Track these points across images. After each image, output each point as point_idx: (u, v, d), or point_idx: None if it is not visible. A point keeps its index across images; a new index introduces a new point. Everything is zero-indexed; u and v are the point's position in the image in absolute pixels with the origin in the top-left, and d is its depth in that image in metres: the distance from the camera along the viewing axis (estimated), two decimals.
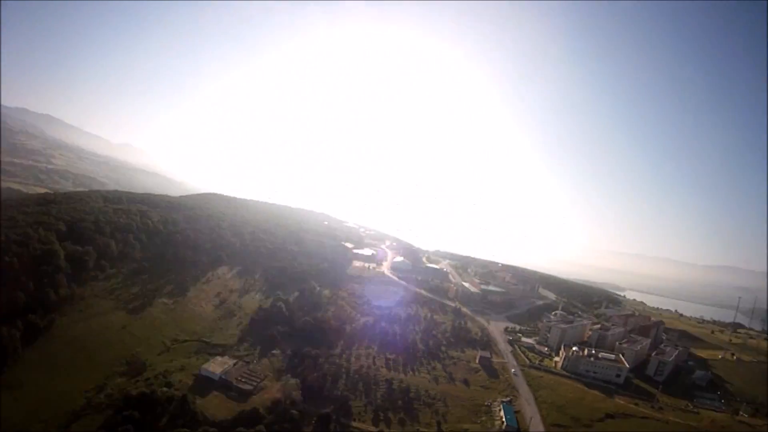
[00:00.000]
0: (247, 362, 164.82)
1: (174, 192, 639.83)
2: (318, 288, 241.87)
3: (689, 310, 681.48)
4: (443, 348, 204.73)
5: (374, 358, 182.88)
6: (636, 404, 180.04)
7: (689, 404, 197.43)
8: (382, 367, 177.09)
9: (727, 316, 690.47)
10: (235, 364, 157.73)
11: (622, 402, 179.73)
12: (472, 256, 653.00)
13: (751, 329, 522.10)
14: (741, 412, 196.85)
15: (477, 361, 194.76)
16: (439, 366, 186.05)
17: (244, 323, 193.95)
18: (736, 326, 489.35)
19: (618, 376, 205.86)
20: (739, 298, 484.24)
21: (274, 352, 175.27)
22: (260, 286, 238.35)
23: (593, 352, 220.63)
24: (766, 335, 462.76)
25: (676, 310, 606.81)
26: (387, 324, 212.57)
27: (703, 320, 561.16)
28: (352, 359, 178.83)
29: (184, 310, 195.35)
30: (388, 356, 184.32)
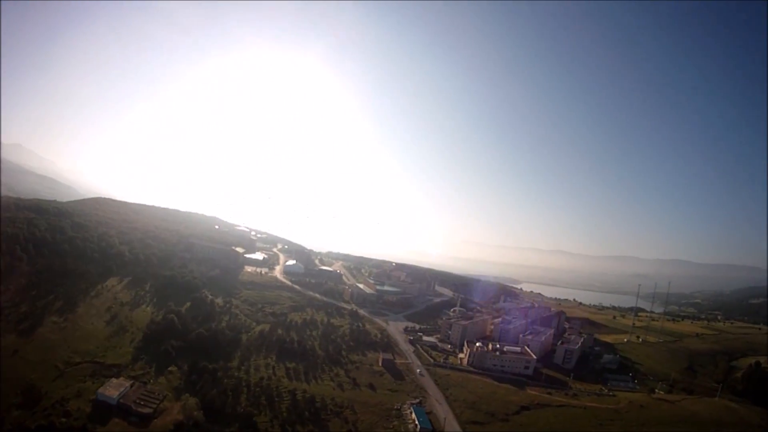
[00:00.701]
0: (144, 382, 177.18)
1: (63, 196, 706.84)
2: (210, 297, 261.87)
3: (587, 298, 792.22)
4: (344, 353, 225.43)
5: (274, 368, 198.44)
6: (550, 393, 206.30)
7: (603, 388, 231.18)
8: (283, 377, 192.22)
9: (625, 302, 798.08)
10: (132, 386, 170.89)
11: (535, 393, 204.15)
12: (366, 256, 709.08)
13: (652, 312, 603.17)
14: (657, 390, 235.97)
15: (380, 363, 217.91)
16: (341, 372, 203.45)
17: (138, 339, 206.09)
18: (637, 311, 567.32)
19: (526, 367, 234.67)
20: (639, 285, 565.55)
21: (170, 369, 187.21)
22: (151, 298, 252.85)
23: (498, 346, 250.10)
24: (668, 317, 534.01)
25: (574, 299, 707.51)
26: (284, 331, 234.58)
27: (603, 307, 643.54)
28: (252, 371, 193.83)
29: (76, 328, 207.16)
30: (288, 365, 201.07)
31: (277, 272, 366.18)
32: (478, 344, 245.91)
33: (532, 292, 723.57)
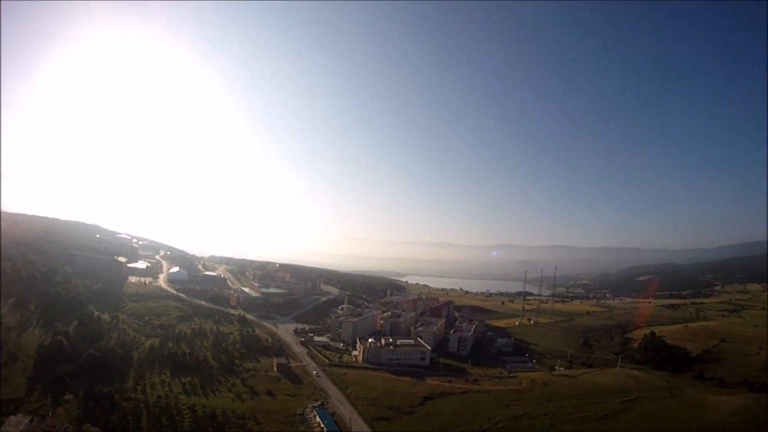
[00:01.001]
0: (43, 416, 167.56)
1: None
2: (97, 313, 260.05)
3: (474, 286, 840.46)
4: (237, 361, 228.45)
5: (170, 384, 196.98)
6: (450, 381, 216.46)
7: (503, 370, 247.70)
8: (180, 393, 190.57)
9: (512, 288, 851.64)
10: (31, 421, 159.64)
11: (435, 382, 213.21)
12: (248, 258, 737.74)
13: (540, 296, 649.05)
14: (557, 367, 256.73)
15: (275, 369, 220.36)
16: (238, 381, 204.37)
17: (29, 367, 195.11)
18: (525, 295, 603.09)
19: (422, 358, 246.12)
20: (526, 271, 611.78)
21: (66, 397, 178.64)
22: (38, 319, 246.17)
23: (391, 340, 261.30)
24: (557, 299, 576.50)
25: (461, 288, 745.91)
26: (174, 344, 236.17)
27: (491, 294, 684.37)
28: (148, 390, 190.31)
29: None
30: (184, 380, 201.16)
31: (162, 281, 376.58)
32: (370, 340, 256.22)
33: (417, 284, 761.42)
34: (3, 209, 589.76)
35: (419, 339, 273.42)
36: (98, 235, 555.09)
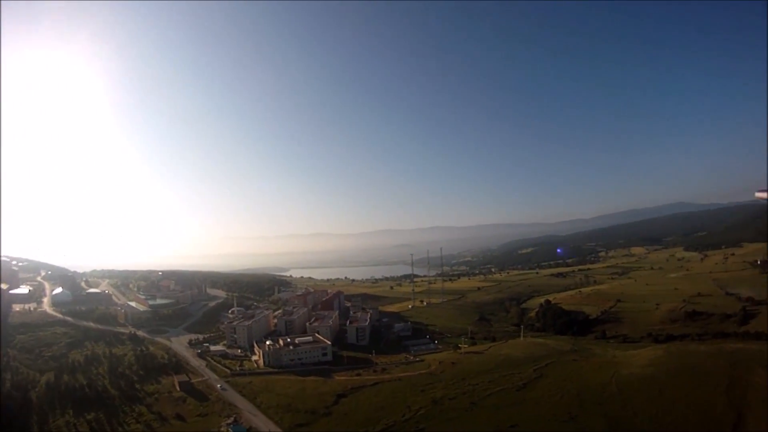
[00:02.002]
0: None
1: None
2: None
3: (358, 274, 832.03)
4: (138, 385, 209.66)
5: (75, 425, 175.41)
6: (359, 375, 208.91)
7: (408, 356, 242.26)
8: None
9: (396, 272, 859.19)
10: None
11: (344, 378, 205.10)
12: (131, 268, 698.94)
13: (426, 276, 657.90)
14: (462, 345, 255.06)
15: (178, 388, 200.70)
16: (144, 409, 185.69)
17: None
18: (412, 277, 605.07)
19: (325, 354, 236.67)
20: (412, 254, 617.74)
21: None
22: None
23: (289, 340, 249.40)
24: (444, 278, 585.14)
25: (346, 277, 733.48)
26: (70, 376, 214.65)
27: (377, 280, 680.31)
28: None
29: None
30: (88, 417, 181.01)
31: (46, 305, 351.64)
32: (268, 342, 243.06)
33: (302, 277, 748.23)
34: None
35: (317, 335, 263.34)
36: None
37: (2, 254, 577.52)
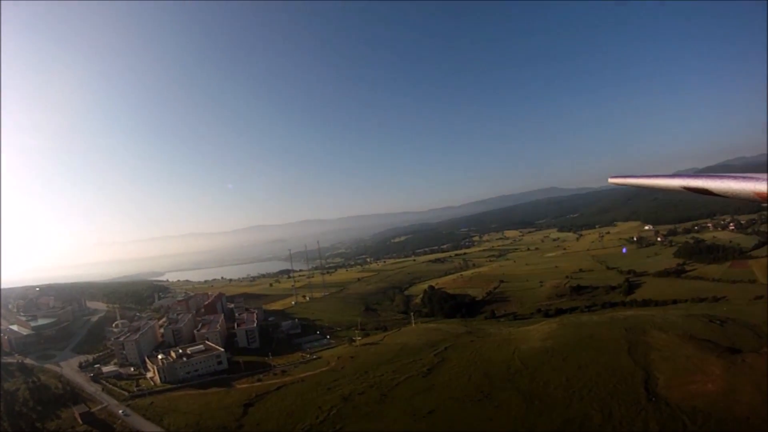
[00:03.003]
0: None
1: None
2: None
3: (233, 273, 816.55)
4: (38, 424, 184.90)
5: None
6: (260, 380, 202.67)
7: (304, 354, 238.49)
8: None
9: (270, 268, 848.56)
10: None
11: (245, 385, 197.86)
12: (8, 286, 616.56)
13: (302, 271, 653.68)
14: (354, 338, 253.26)
15: (80, 421, 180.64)
16: None
17: None
18: (286, 273, 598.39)
19: (219, 363, 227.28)
20: (290, 250, 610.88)
21: None
22: None
23: (180, 351, 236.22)
24: (321, 271, 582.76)
25: (222, 277, 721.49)
26: None
27: (254, 278, 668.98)
28: None
29: None
30: None
31: None
32: (160, 357, 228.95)
33: (179, 280, 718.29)
34: None
35: (207, 342, 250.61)
36: None
37: None
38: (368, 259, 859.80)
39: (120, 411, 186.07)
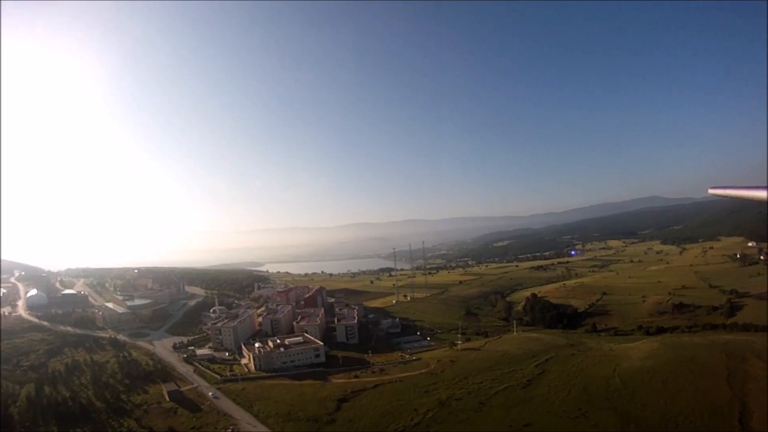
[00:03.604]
0: None
1: None
2: None
3: (333, 268, 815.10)
4: (124, 396, 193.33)
5: None
6: (357, 377, 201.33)
7: (403, 354, 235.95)
8: None
9: (370, 265, 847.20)
10: None
11: (342, 380, 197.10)
12: (105, 267, 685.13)
13: (403, 270, 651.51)
14: (456, 342, 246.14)
15: (167, 398, 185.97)
16: (132, 423, 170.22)
17: None
18: (387, 271, 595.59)
19: (317, 356, 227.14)
20: (394, 249, 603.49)
21: None
22: None
23: (279, 341, 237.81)
24: (423, 272, 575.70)
25: (322, 272, 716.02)
26: (51, 388, 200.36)
27: (355, 274, 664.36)
28: None
29: None
30: None
31: (21, 309, 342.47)
32: (257, 345, 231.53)
33: (279, 272, 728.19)
34: None
35: (306, 334, 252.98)
36: None
37: None
38: (470, 262, 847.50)
39: (210, 393, 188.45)
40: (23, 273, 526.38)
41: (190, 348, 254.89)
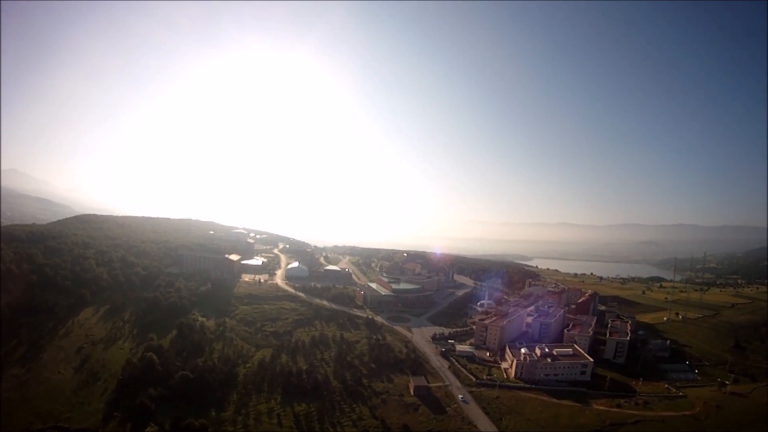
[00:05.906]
0: None
1: (57, 216, 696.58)
2: (200, 320, 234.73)
3: (600, 270, 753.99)
4: (365, 381, 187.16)
5: (279, 415, 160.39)
6: (619, 406, 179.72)
7: (670, 387, 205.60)
8: (292, 427, 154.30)
9: (637, 271, 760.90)
10: None
11: (602, 408, 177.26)
12: (373, 247, 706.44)
13: (673, 282, 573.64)
14: (726, 382, 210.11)
15: (412, 392, 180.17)
16: (365, 410, 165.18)
17: (111, 389, 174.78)
18: (657, 280, 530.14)
19: (583, 372, 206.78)
20: (676, 258, 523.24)
21: (148, 429, 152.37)
22: (131, 329, 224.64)
23: (546, 350, 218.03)
24: (695, 287, 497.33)
25: (592, 273, 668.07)
26: (288, 357, 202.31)
27: (626, 280, 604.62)
28: (251, 422, 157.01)
29: (39, 382, 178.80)
30: (297, 408, 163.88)
31: (278, 278, 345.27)
32: (523, 351, 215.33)
33: (548, 269, 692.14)
34: (110, 213, 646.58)
35: (575, 346, 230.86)
36: (212, 232, 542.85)
37: (241, 227, 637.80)
38: (739, 281, 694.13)
39: (460, 395, 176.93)
40: (287, 246, 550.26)
41: (449, 341, 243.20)
